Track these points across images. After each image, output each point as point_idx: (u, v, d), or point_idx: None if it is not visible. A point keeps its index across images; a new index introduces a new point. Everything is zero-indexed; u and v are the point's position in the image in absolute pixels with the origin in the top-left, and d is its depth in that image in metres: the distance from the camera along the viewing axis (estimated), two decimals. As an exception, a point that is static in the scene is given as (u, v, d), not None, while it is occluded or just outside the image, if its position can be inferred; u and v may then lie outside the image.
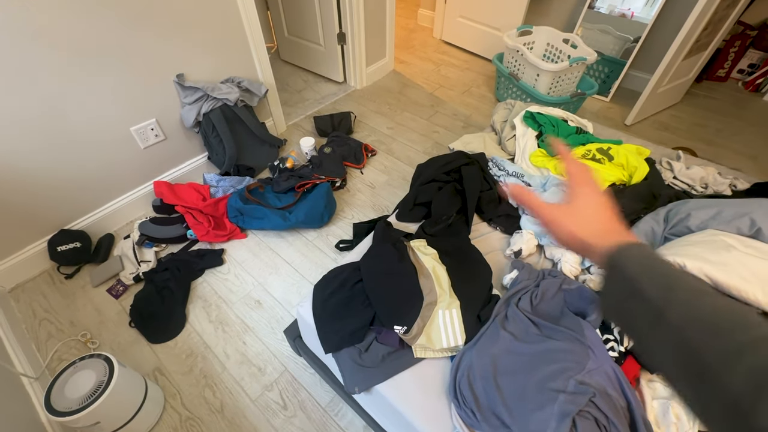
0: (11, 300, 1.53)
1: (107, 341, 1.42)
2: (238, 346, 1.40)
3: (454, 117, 2.50)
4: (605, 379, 0.79)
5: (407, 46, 3.26)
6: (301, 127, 2.41)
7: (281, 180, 1.86)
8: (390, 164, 2.15)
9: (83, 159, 1.54)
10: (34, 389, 1.22)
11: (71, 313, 1.49)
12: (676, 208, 1.14)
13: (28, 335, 1.43)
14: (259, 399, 1.28)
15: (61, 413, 0.95)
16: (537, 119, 1.51)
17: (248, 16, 1.78)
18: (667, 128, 2.43)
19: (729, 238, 0.95)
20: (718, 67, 2.79)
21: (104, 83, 1.46)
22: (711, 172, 1.37)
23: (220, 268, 1.64)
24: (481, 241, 1.23)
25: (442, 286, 1.02)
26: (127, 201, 1.77)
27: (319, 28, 2.53)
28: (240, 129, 1.89)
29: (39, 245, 1.57)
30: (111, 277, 1.58)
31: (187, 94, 1.70)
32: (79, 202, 1.62)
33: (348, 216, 1.86)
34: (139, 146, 1.69)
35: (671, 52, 2.07)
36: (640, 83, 2.51)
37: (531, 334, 0.90)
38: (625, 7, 2.40)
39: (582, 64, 2.15)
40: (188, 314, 1.49)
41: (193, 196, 1.77)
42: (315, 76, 2.86)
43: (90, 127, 1.51)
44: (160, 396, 1.26)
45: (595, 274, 1.11)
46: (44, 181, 1.48)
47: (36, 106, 1.34)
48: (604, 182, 1.31)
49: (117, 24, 1.40)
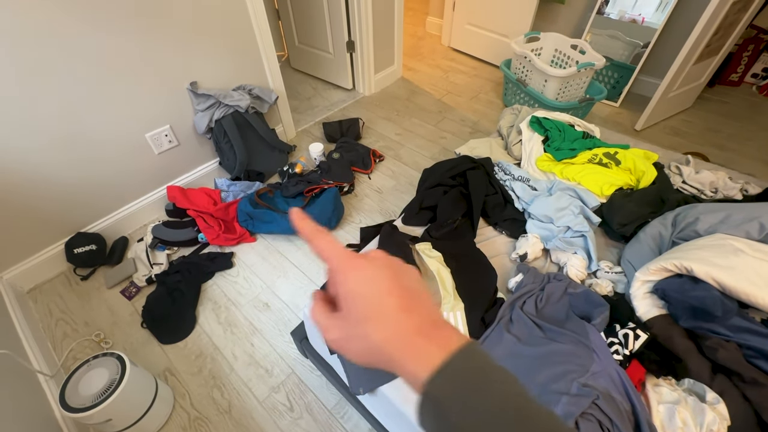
0: (29, 300, 1.58)
1: (120, 341, 1.45)
2: (246, 347, 1.42)
3: (462, 123, 2.51)
4: (609, 382, 0.78)
5: (415, 53, 3.30)
6: (310, 133, 2.45)
7: (290, 185, 1.90)
8: (398, 169, 2.17)
9: (100, 164, 1.60)
10: (49, 386, 1.25)
11: (86, 313, 1.53)
12: (685, 212, 1.13)
13: (45, 334, 1.47)
14: (266, 400, 1.30)
15: (75, 409, 0.98)
16: (543, 124, 1.51)
17: (260, 26, 1.83)
18: (678, 133, 2.41)
19: (738, 242, 0.94)
20: (731, 72, 2.75)
21: (121, 91, 1.52)
22: (721, 176, 1.35)
23: (230, 271, 1.67)
24: (487, 245, 1.24)
25: (447, 288, 1.03)
26: (142, 205, 1.82)
27: (328, 36, 2.58)
28: (251, 135, 1.93)
29: (56, 247, 1.62)
30: (124, 279, 1.62)
31: (200, 102, 1.75)
32: (95, 206, 1.68)
33: (356, 220, 1.88)
34: (154, 152, 1.74)
35: (681, 56, 2.06)
36: (651, 88, 2.49)
37: (535, 337, 0.90)
38: (636, 13, 2.40)
39: (590, 70, 2.15)
40: (198, 316, 1.52)
41: (205, 201, 1.81)
42: (324, 84, 2.91)
43: (107, 134, 1.56)
44: (169, 395, 1.28)
45: (602, 278, 1.10)
46: (62, 185, 1.53)
47: (56, 113, 1.40)
48: (610, 186, 1.31)
49: (135, 35, 1.45)
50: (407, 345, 0.26)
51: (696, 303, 0.88)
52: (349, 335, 0.28)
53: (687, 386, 0.82)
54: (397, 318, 0.27)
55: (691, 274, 0.92)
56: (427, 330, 0.27)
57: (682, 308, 0.92)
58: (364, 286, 0.28)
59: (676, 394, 0.79)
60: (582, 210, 1.22)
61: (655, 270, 0.98)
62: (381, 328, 0.27)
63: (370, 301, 0.28)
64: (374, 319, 0.27)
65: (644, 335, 0.86)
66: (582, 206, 1.23)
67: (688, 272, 0.92)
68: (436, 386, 0.25)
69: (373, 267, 0.29)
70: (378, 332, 0.27)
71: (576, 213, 1.20)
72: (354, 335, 0.28)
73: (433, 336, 0.27)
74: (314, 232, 0.30)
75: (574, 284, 1.04)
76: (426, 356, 0.26)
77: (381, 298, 0.28)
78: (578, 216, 1.19)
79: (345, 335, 0.28)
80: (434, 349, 0.26)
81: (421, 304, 0.29)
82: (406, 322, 0.27)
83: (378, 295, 0.28)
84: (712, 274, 0.89)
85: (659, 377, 0.85)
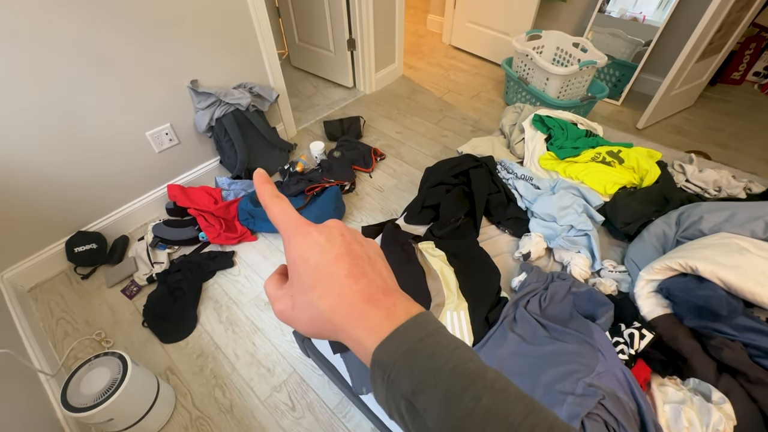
0: (30, 299, 1.57)
1: (121, 340, 1.45)
2: (247, 346, 1.42)
3: (463, 121, 2.50)
4: (615, 382, 0.78)
5: (416, 51, 3.29)
6: (311, 132, 2.44)
7: (291, 184, 1.89)
8: (399, 168, 2.16)
9: (100, 163, 1.59)
10: (50, 386, 1.25)
11: (87, 312, 1.53)
12: (689, 211, 1.12)
13: (46, 333, 1.47)
14: (268, 400, 1.29)
15: (76, 409, 0.97)
16: (546, 122, 1.51)
17: (260, 23, 1.82)
18: (680, 132, 2.40)
19: (742, 241, 0.94)
20: (732, 70, 2.75)
21: (121, 90, 1.51)
22: (725, 175, 1.35)
23: (231, 270, 1.67)
24: (490, 244, 1.23)
25: (450, 288, 1.02)
26: (142, 203, 1.81)
27: (329, 34, 2.57)
28: (251, 133, 1.92)
29: (57, 246, 1.62)
30: (125, 278, 1.61)
31: (201, 100, 1.74)
32: (95, 205, 1.67)
33: (357, 219, 1.88)
34: (154, 150, 1.73)
35: (683, 54, 2.05)
36: (652, 86, 2.48)
37: (539, 336, 0.89)
38: (637, 11, 2.39)
39: (592, 68, 2.14)
40: (199, 315, 1.51)
41: (205, 199, 1.81)
42: (325, 82, 2.90)
43: (107, 132, 1.55)
44: (171, 395, 1.28)
45: (606, 277, 1.10)
46: (63, 184, 1.52)
47: (56, 112, 1.39)
48: (614, 185, 1.30)
49: (135, 33, 1.44)
50: (354, 312, 0.24)
51: (701, 302, 0.88)
52: (295, 304, 0.26)
53: (692, 386, 0.82)
54: (343, 284, 0.25)
55: (696, 273, 0.91)
56: (376, 297, 0.25)
57: (686, 307, 0.92)
58: (311, 252, 0.26)
59: (681, 393, 0.78)
60: (585, 209, 1.22)
61: (660, 269, 0.97)
62: (326, 294, 0.25)
63: (315, 268, 0.26)
64: (320, 286, 0.25)
65: (650, 335, 0.85)
66: (585, 205, 1.23)
67: (693, 271, 0.92)
68: (386, 353, 0.23)
69: (323, 233, 0.27)
70: (323, 299, 0.25)
71: (579, 212, 1.19)
72: (299, 303, 0.26)
73: (381, 303, 0.25)
74: (272, 197, 0.29)
75: (578, 283, 1.03)
76: (375, 324, 0.24)
77: (328, 264, 0.26)
78: (581, 215, 1.19)
79: (291, 304, 0.27)
80: (383, 315, 0.24)
81: (373, 270, 0.26)
82: (352, 288, 0.25)
83: (325, 262, 0.26)
84: (717, 273, 0.88)
85: (664, 377, 0.85)
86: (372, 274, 0.26)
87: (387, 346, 0.23)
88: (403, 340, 0.23)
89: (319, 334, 0.26)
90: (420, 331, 0.24)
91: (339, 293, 0.25)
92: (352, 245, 0.27)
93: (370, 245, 0.29)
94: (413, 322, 0.24)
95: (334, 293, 0.25)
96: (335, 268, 0.26)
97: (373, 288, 0.25)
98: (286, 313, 0.27)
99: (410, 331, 0.24)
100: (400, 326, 0.24)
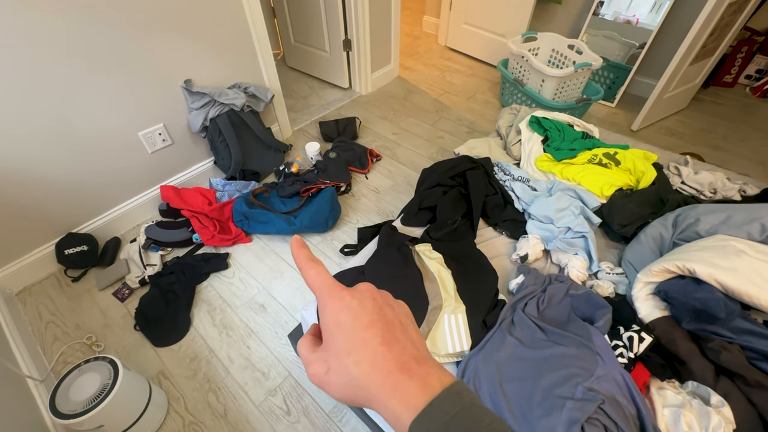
0: (18, 302, 1.54)
1: (112, 344, 1.42)
2: (242, 350, 1.40)
3: (459, 123, 2.50)
4: (614, 386, 0.77)
5: (412, 52, 3.28)
6: (307, 133, 2.42)
7: (286, 185, 1.87)
8: (395, 169, 2.15)
9: (91, 163, 1.56)
10: (39, 392, 1.22)
11: (77, 316, 1.50)
12: (685, 213, 1.13)
13: (35, 338, 1.43)
14: (262, 404, 1.27)
15: (65, 416, 0.95)
16: (542, 124, 1.50)
17: (255, 23, 1.80)
18: (673, 134, 2.42)
19: (739, 243, 0.94)
20: (725, 73, 2.78)
21: (113, 88, 1.48)
22: (720, 177, 1.35)
23: (225, 272, 1.65)
24: (487, 246, 1.23)
25: (448, 290, 1.01)
26: (134, 205, 1.78)
27: (324, 34, 2.56)
28: (246, 134, 1.90)
29: (46, 248, 1.58)
30: (117, 281, 1.58)
31: (195, 100, 1.71)
32: (86, 206, 1.64)
33: (353, 221, 1.86)
34: (147, 151, 1.71)
35: (677, 57, 2.06)
36: (646, 89, 2.50)
37: (537, 340, 0.89)
38: (630, 14, 2.40)
39: (587, 70, 2.15)
40: (193, 318, 1.49)
41: (199, 201, 1.78)
42: (320, 82, 2.88)
43: (98, 132, 1.52)
44: (163, 400, 1.25)
45: (603, 280, 1.09)
46: (52, 184, 1.49)
47: (45, 111, 1.36)
48: (610, 186, 1.30)
49: (127, 30, 1.42)
50: (388, 382, 0.24)
51: (699, 305, 0.88)
52: (330, 368, 0.26)
53: (691, 389, 0.82)
54: (377, 351, 0.25)
55: (694, 276, 0.91)
56: (410, 365, 0.25)
57: (684, 310, 0.92)
58: (344, 316, 0.26)
59: (680, 397, 0.78)
60: (582, 210, 1.22)
61: (658, 271, 0.97)
62: (361, 361, 0.25)
63: (350, 333, 0.26)
64: (355, 352, 0.25)
65: (649, 338, 0.85)
66: (582, 207, 1.23)
67: (691, 273, 0.92)
68: (422, 427, 0.23)
69: (355, 297, 0.27)
70: (358, 366, 0.25)
71: (576, 213, 1.19)
72: (334, 368, 0.26)
73: (415, 372, 0.25)
74: (307, 261, 0.29)
75: (576, 286, 1.03)
76: (410, 396, 0.24)
77: (362, 329, 0.26)
78: (578, 217, 1.18)
79: (325, 368, 0.26)
80: (417, 387, 0.24)
81: (405, 336, 0.27)
82: (386, 356, 0.25)
83: (359, 327, 0.26)
84: (714, 276, 0.88)
85: (663, 380, 0.84)
86: (404, 340, 0.27)
87: (423, 420, 0.23)
88: (439, 414, 0.23)
89: (353, 401, 0.26)
90: (455, 405, 0.24)
91: (373, 361, 0.25)
92: (384, 310, 0.28)
93: (402, 309, 0.30)
94: (447, 394, 0.24)
95: (368, 360, 0.25)
96: (369, 334, 0.26)
97: (407, 356, 0.26)
98: (320, 377, 0.27)
99: (445, 404, 0.24)
100: (434, 399, 0.24)
